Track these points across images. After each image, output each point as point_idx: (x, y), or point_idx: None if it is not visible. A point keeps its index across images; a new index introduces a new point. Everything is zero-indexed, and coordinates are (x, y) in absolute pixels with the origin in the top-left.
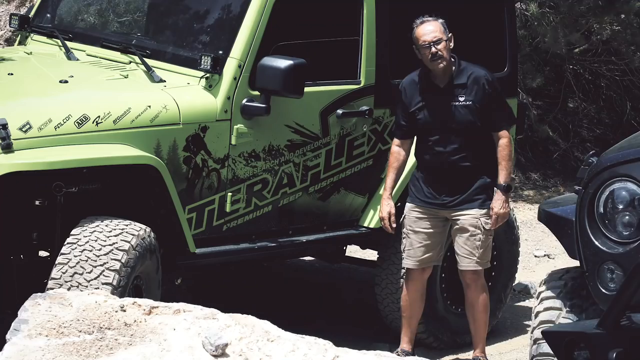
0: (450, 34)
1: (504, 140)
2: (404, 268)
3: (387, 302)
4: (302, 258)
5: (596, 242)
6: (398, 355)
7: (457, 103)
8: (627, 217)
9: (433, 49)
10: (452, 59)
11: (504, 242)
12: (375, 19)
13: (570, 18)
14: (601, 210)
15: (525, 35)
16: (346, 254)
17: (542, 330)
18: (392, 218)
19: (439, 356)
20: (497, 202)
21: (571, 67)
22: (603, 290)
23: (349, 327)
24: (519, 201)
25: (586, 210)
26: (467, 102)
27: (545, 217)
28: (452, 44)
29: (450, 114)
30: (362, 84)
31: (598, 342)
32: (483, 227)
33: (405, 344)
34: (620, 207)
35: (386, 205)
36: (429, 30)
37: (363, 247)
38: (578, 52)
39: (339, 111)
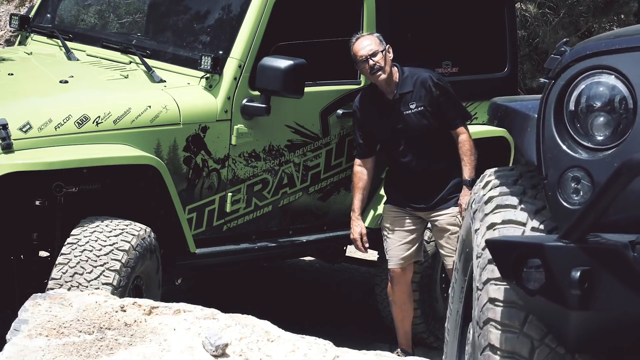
0: (388, 45)
1: (463, 137)
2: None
3: (387, 302)
4: (302, 258)
5: (562, 145)
6: (398, 355)
7: (409, 111)
8: (602, 119)
9: (370, 62)
10: (395, 69)
11: None
12: (375, 19)
13: (569, 18)
14: (572, 107)
15: (524, 36)
16: (346, 254)
17: (486, 239)
18: (364, 238)
19: (439, 356)
20: (465, 198)
21: None
22: (564, 203)
23: (349, 327)
24: None
25: (553, 106)
26: (419, 108)
27: (497, 111)
28: (390, 55)
29: (406, 124)
30: (362, 84)
31: (558, 258)
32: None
33: (403, 345)
34: (597, 105)
35: (356, 226)
36: (365, 44)
37: None
38: None
39: (339, 111)
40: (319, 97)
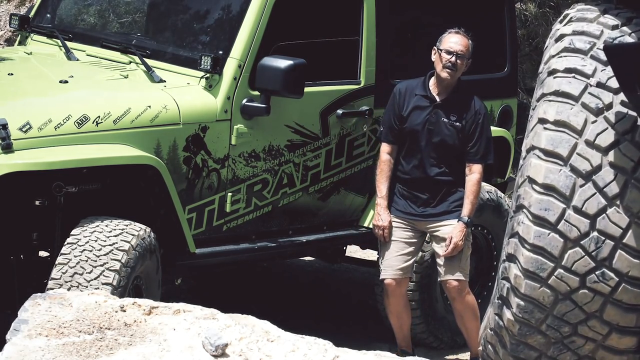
0: (470, 60)
1: (475, 176)
2: (382, 279)
3: None
4: (302, 258)
5: None
6: (398, 355)
7: (446, 120)
8: None
9: (452, 58)
10: (459, 79)
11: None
12: (375, 19)
13: None
14: None
15: (524, 35)
16: (346, 254)
17: (605, 44)
18: (392, 228)
19: (439, 356)
20: (458, 232)
21: None
22: None
23: (349, 327)
24: None
25: None
26: (457, 124)
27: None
28: (466, 68)
29: (437, 128)
30: (362, 84)
31: None
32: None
33: (403, 347)
34: None
35: (387, 215)
36: (460, 42)
37: (363, 247)
38: None
39: (339, 111)
40: (319, 97)
